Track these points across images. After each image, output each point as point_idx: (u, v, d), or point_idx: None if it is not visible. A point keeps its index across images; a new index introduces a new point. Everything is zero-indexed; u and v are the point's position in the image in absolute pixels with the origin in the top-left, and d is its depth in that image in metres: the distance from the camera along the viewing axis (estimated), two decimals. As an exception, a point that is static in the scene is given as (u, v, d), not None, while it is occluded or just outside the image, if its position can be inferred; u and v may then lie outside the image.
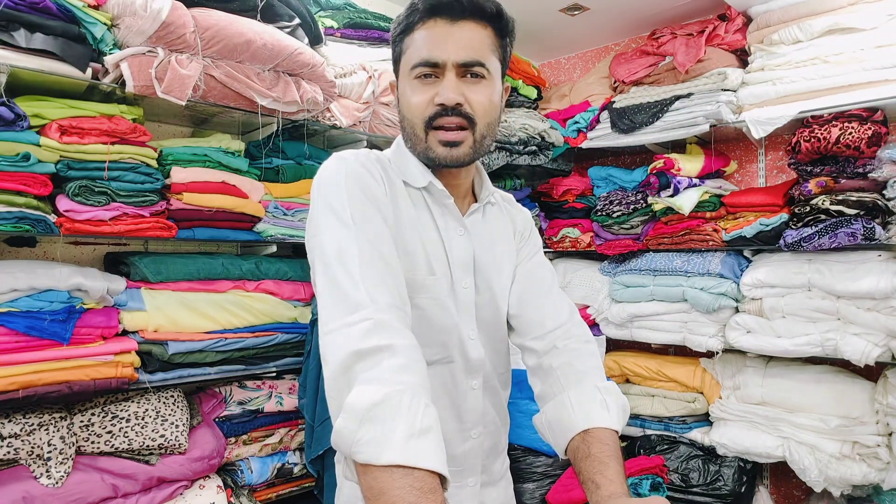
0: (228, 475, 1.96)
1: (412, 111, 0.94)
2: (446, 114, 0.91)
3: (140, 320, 1.76)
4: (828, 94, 2.24)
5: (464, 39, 0.91)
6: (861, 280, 2.12)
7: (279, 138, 2.14)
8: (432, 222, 0.99)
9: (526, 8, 2.86)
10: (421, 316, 0.94)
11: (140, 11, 1.61)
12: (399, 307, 0.81)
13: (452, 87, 0.90)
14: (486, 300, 1.04)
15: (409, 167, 0.99)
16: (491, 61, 0.94)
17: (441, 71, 0.91)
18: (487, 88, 0.94)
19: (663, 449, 2.53)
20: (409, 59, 0.94)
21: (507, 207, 1.16)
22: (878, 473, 2.11)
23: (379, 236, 0.85)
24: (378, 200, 0.89)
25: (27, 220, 1.55)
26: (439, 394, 0.98)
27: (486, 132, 0.95)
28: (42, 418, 1.60)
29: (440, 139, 0.92)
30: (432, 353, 0.96)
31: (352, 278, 0.79)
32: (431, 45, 0.91)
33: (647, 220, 2.77)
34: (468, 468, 1.03)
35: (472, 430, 1.03)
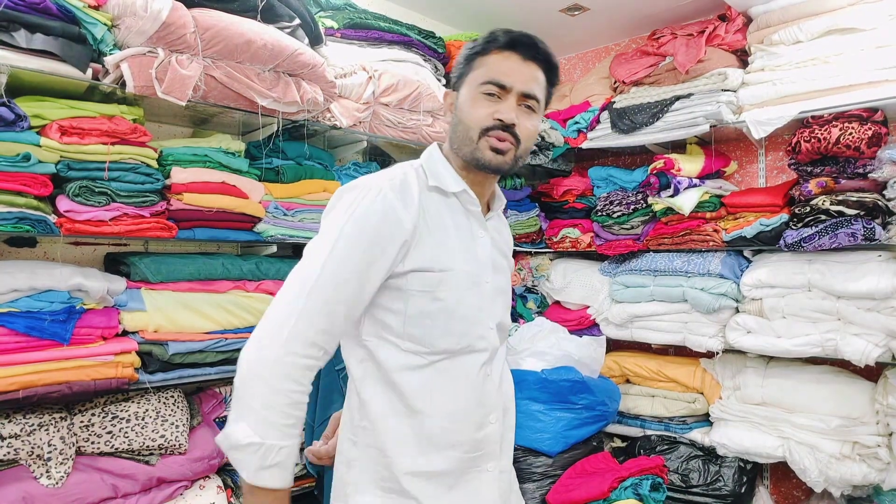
0: (228, 475, 1.96)
1: (472, 119, 1.08)
2: (500, 128, 1.06)
3: (140, 320, 1.76)
4: (828, 94, 2.24)
5: (530, 75, 1.09)
6: (861, 280, 2.12)
7: (279, 139, 2.14)
8: (462, 224, 1.12)
9: (526, 8, 2.86)
10: (442, 307, 1.04)
11: (140, 12, 1.61)
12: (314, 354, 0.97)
13: (512, 109, 1.07)
14: (499, 292, 1.17)
15: (442, 175, 1.11)
16: (542, 99, 1.12)
17: (505, 94, 1.07)
18: (535, 120, 1.11)
19: (663, 449, 2.52)
20: (478, 76, 1.09)
21: (504, 220, 1.31)
22: (878, 474, 2.11)
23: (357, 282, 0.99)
24: (389, 244, 1.01)
25: (27, 221, 1.55)
26: (462, 381, 1.07)
27: (523, 154, 1.11)
28: (42, 418, 1.60)
29: (491, 145, 1.06)
30: (453, 342, 1.06)
31: (295, 315, 0.96)
32: (503, 71, 1.07)
33: (647, 220, 2.77)
34: (488, 453, 1.11)
35: (490, 414, 1.11)
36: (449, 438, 1.06)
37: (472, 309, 1.08)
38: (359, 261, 0.99)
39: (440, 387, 1.06)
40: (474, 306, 1.08)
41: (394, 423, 1.05)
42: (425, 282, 1.04)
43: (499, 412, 1.14)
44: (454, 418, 1.06)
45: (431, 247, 1.05)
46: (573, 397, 2.41)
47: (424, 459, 1.05)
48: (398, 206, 1.02)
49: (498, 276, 1.17)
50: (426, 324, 1.04)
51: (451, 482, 1.07)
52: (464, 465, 1.08)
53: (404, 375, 1.05)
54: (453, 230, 1.09)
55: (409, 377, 1.05)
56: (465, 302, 1.07)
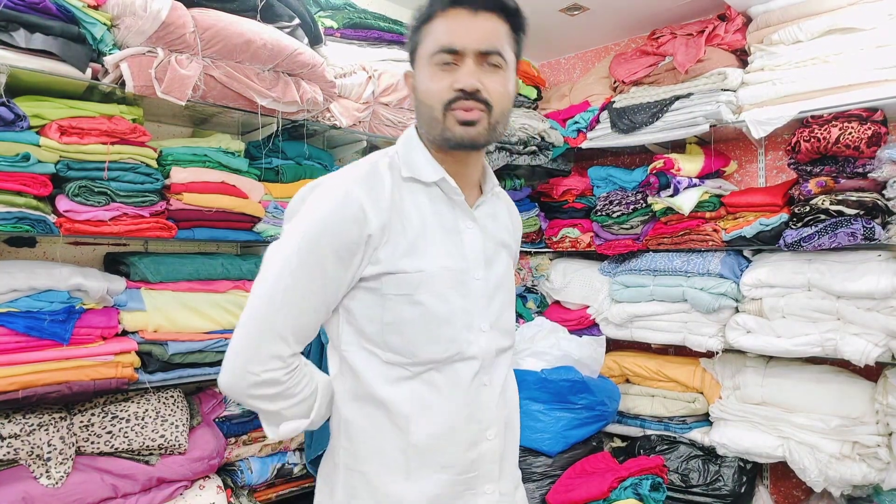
0: (228, 475, 1.96)
1: (431, 96, 0.96)
2: (464, 98, 0.93)
3: (140, 320, 1.76)
4: (827, 94, 2.24)
5: (484, 30, 0.94)
6: (861, 280, 2.12)
7: (279, 138, 2.14)
8: (445, 216, 1.01)
9: (526, 8, 2.84)
10: (423, 312, 0.94)
11: (140, 12, 1.61)
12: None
13: (471, 74, 0.93)
14: (496, 289, 1.05)
15: (419, 163, 1.00)
16: (507, 52, 0.97)
17: (460, 58, 0.94)
18: (503, 78, 0.97)
19: (663, 449, 2.52)
20: (428, 47, 0.96)
21: (506, 201, 1.20)
22: (878, 473, 2.11)
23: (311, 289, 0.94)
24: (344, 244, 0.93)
25: (27, 221, 1.55)
26: (452, 394, 0.97)
27: (499, 118, 0.97)
28: (42, 418, 1.60)
29: (458, 118, 0.94)
30: (439, 351, 0.96)
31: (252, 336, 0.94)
32: (452, 34, 0.94)
33: (646, 220, 2.77)
34: (484, 473, 1.00)
35: (488, 430, 1.00)
36: (439, 459, 0.96)
37: (458, 312, 0.97)
38: (319, 268, 0.92)
39: (428, 401, 0.96)
40: (461, 308, 0.98)
41: (376, 443, 0.97)
42: (401, 284, 0.95)
43: (498, 427, 1.02)
44: (444, 436, 0.96)
45: (406, 245, 0.95)
46: (573, 397, 2.41)
47: (411, 485, 0.95)
48: (365, 203, 0.93)
49: (493, 270, 1.05)
50: (406, 331, 0.95)
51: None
52: (456, 488, 0.97)
53: (387, 389, 0.96)
54: (435, 224, 0.99)
55: (392, 391, 0.95)
56: (449, 304, 0.96)
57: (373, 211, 0.93)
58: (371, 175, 0.98)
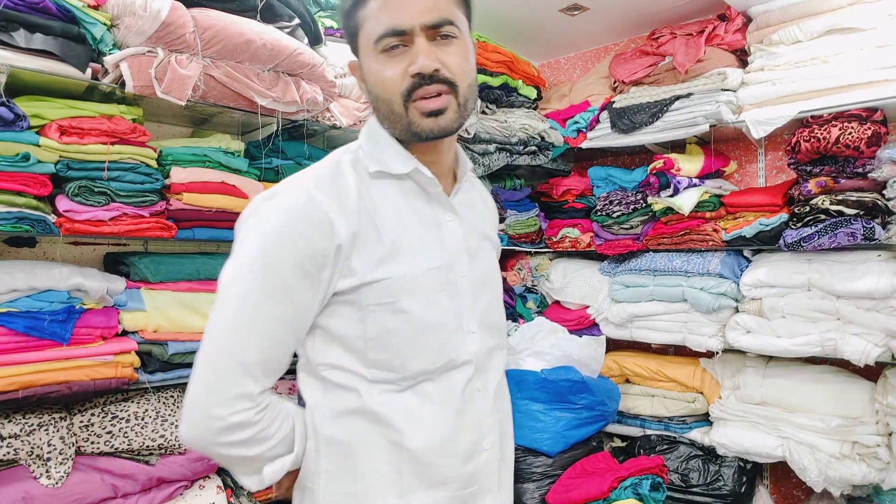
0: (228, 475, 1.96)
1: (386, 88, 0.84)
2: (425, 83, 0.83)
3: (140, 320, 1.76)
4: (827, 94, 2.24)
5: (425, 0, 0.82)
6: (861, 280, 2.12)
7: (279, 138, 2.14)
8: (423, 210, 0.91)
9: (526, 8, 2.85)
10: (408, 320, 0.85)
11: (140, 11, 1.61)
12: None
13: (426, 53, 0.82)
14: (481, 284, 0.96)
15: (386, 155, 0.90)
16: (459, 18, 0.86)
17: (409, 38, 0.83)
18: (461, 48, 0.86)
19: (663, 449, 2.52)
20: (369, 33, 0.85)
21: (480, 187, 1.11)
22: (877, 473, 2.11)
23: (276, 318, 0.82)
24: (308, 261, 0.82)
25: (27, 221, 1.55)
26: (443, 404, 0.88)
27: (468, 94, 0.87)
28: (42, 418, 1.60)
29: (422, 109, 0.84)
30: (430, 361, 0.87)
31: (210, 380, 0.82)
32: (393, 12, 0.82)
33: (646, 220, 2.77)
34: (484, 487, 0.92)
35: (485, 439, 0.92)
36: (435, 475, 0.87)
37: (447, 315, 0.88)
38: (284, 290, 0.81)
39: (421, 413, 0.87)
40: (450, 311, 0.89)
41: (366, 459, 0.87)
42: (382, 293, 0.85)
43: (494, 436, 0.95)
44: (440, 449, 0.88)
45: (383, 249, 0.85)
46: (573, 397, 2.41)
47: (406, 503, 0.87)
48: (329, 209, 0.82)
49: (477, 263, 0.96)
50: (392, 343, 0.85)
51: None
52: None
53: (376, 401, 0.87)
54: (413, 221, 0.89)
55: (382, 404, 0.86)
56: (437, 308, 0.88)
57: (340, 218, 0.83)
58: (334, 176, 0.87)
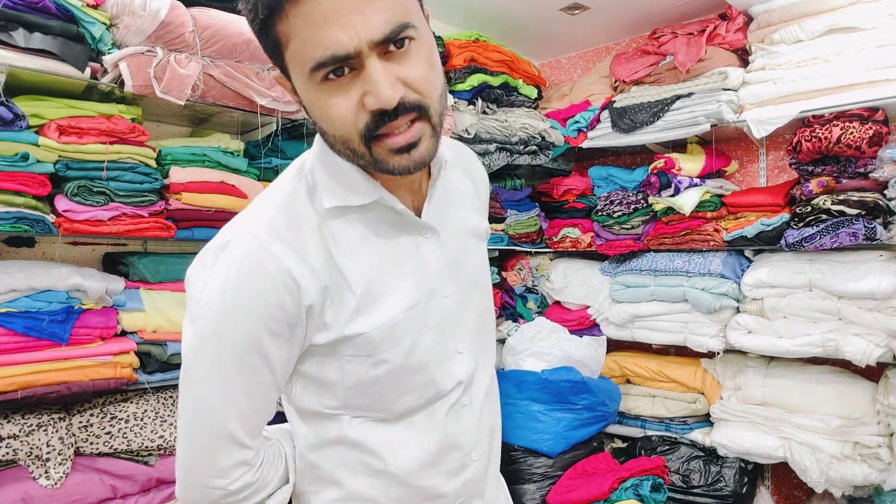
0: (228, 476, 1.96)
1: (337, 126, 0.67)
2: (388, 119, 0.65)
3: (139, 321, 1.76)
4: (829, 93, 2.24)
5: (370, 2, 0.61)
6: (862, 280, 2.12)
7: (278, 138, 2.13)
8: (394, 238, 0.79)
9: (526, 7, 2.85)
10: (390, 369, 0.78)
11: (139, 11, 1.61)
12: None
13: (382, 80, 0.63)
14: (468, 293, 0.88)
15: (344, 185, 0.75)
16: (413, 12, 0.66)
17: (357, 61, 0.63)
18: (422, 51, 0.67)
19: (664, 450, 2.52)
20: (299, 57, 0.65)
21: (466, 161, 0.95)
22: (879, 474, 2.11)
23: (253, 383, 0.75)
24: (278, 323, 0.72)
25: (26, 221, 1.54)
26: (427, 428, 0.83)
27: (440, 107, 0.70)
28: (41, 419, 1.59)
29: (391, 147, 0.67)
30: (415, 399, 0.81)
31: (195, 462, 0.77)
32: (328, 30, 0.61)
33: (647, 220, 2.76)
34: (472, 494, 0.90)
35: (473, 452, 0.88)
36: (425, 493, 0.84)
37: (430, 352, 0.80)
38: (258, 357, 0.72)
39: (405, 440, 0.82)
40: (435, 344, 0.81)
41: (352, 485, 0.82)
42: (359, 348, 0.76)
43: (483, 445, 0.90)
44: (426, 472, 0.83)
45: (356, 301, 0.75)
46: (573, 398, 2.40)
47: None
48: (293, 267, 0.71)
49: (462, 270, 0.86)
50: (373, 392, 0.79)
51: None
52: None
53: (357, 430, 0.81)
54: (385, 256, 0.78)
55: (364, 433, 0.81)
56: (419, 349, 0.79)
57: (306, 274, 0.72)
58: (291, 221, 0.74)
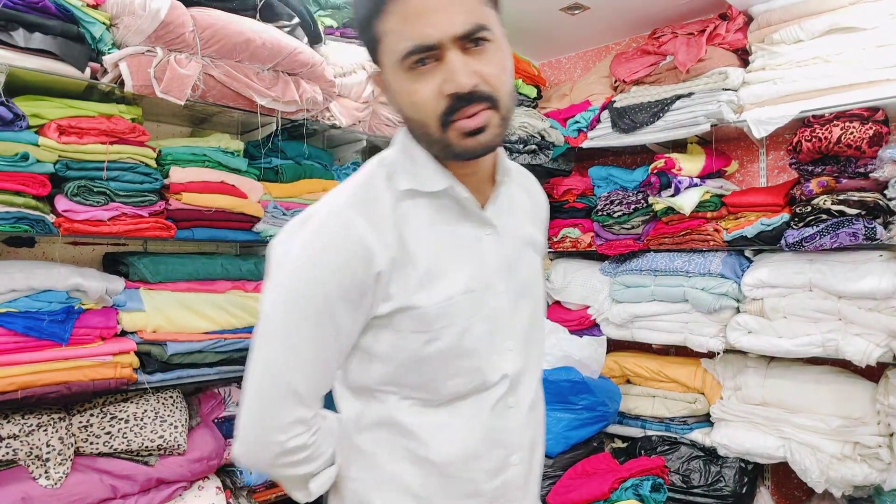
0: (227, 476, 1.96)
1: (419, 110, 0.78)
2: (463, 104, 0.75)
3: (139, 321, 1.76)
4: (829, 93, 2.24)
5: (454, 4, 0.73)
6: (862, 280, 2.12)
7: (278, 138, 2.13)
8: (458, 228, 0.87)
9: (526, 7, 2.85)
10: (442, 348, 0.83)
11: (139, 11, 1.61)
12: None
13: (460, 67, 0.74)
14: (521, 296, 0.93)
15: (420, 171, 0.85)
16: (491, 18, 0.78)
17: (440, 53, 0.74)
18: (497, 52, 0.78)
19: (664, 450, 2.52)
20: (392, 48, 0.76)
21: (526, 181, 1.05)
22: (879, 474, 2.10)
23: (321, 346, 0.83)
24: (350, 289, 0.80)
25: (26, 221, 1.54)
26: (472, 421, 0.87)
27: (509, 104, 0.81)
28: (41, 419, 1.59)
29: (462, 129, 0.77)
30: (462, 384, 0.86)
31: (263, 409, 0.84)
32: (418, 25, 0.73)
33: (647, 220, 2.76)
34: (509, 501, 0.91)
35: (513, 455, 0.90)
36: (462, 488, 0.87)
37: (481, 340, 0.86)
38: (328, 318, 0.80)
39: (450, 428, 0.87)
40: (486, 334, 0.86)
41: (391, 470, 0.88)
42: (416, 322, 0.82)
43: (524, 451, 0.92)
44: (466, 465, 0.87)
45: (419, 276, 0.82)
46: (573, 398, 2.40)
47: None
48: (368, 236, 0.79)
49: (517, 276, 0.92)
50: (425, 369, 0.84)
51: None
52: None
53: (405, 414, 0.87)
54: (448, 242, 0.85)
55: (411, 416, 0.86)
56: (472, 333, 0.85)
57: (378, 244, 0.79)
58: (369, 198, 0.83)
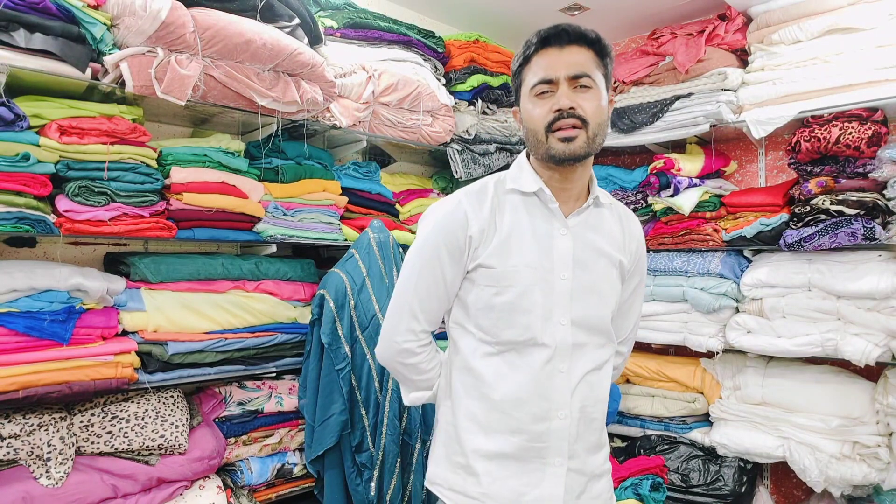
0: (228, 475, 1.96)
1: (534, 121, 1.14)
2: (562, 117, 1.11)
3: (140, 320, 1.76)
4: (828, 93, 2.24)
5: (571, 59, 1.13)
6: (861, 280, 2.12)
7: (279, 138, 2.14)
8: (540, 222, 1.19)
9: (526, 8, 2.85)
10: (505, 301, 1.15)
11: (140, 11, 1.61)
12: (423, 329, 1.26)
13: (566, 95, 1.11)
14: (586, 290, 1.18)
15: (523, 177, 1.21)
16: (595, 74, 1.14)
17: (555, 86, 1.12)
18: (594, 96, 1.13)
19: (663, 449, 2.52)
20: (529, 83, 1.15)
21: (624, 217, 1.31)
22: (878, 473, 2.11)
23: (432, 279, 1.20)
24: (453, 244, 1.18)
25: (27, 221, 1.55)
26: (524, 374, 1.15)
27: (597, 131, 1.13)
28: (42, 419, 1.60)
29: (558, 136, 1.11)
30: (516, 335, 1.15)
31: (391, 315, 1.26)
32: (546, 68, 1.13)
33: (647, 220, 2.77)
34: (553, 447, 1.15)
35: (559, 410, 1.15)
36: (510, 424, 1.15)
37: (537, 305, 1.14)
38: (432, 261, 1.18)
39: (506, 375, 1.16)
40: (540, 303, 1.14)
41: (467, 404, 1.20)
42: (489, 277, 1.16)
43: (570, 411, 1.16)
44: (516, 406, 1.15)
45: (498, 245, 1.16)
46: (573, 397, 2.41)
47: (488, 440, 1.16)
48: (469, 210, 1.17)
49: (584, 272, 1.18)
50: (491, 316, 1.16)
51: (513, 468, 1.16)
52: (525, 453, 1.15)
53: (478, 361, 1.18)
54: (526, 228, 1.17)
55: (481, 363, 1.18)
56: (529, 297, 1.14)
57: (474, 217, 1.17)
58: (479, 190, 1.22)
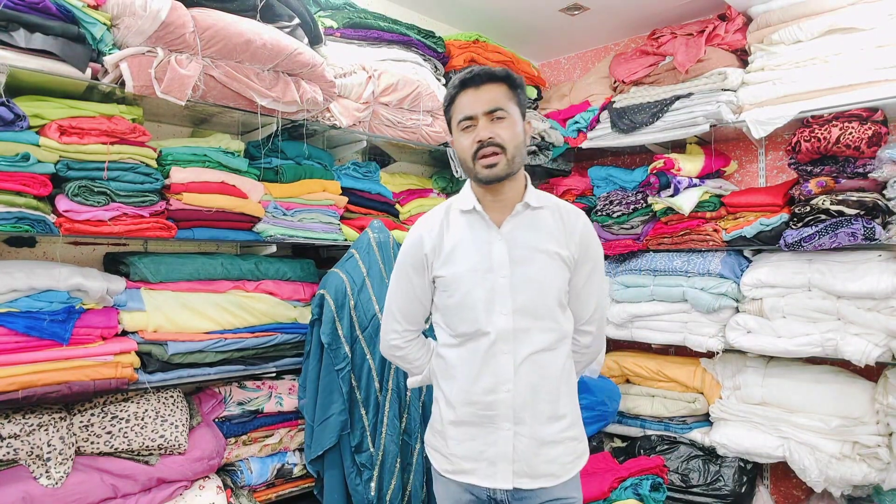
0: (228, 475, 1.96)
1: (463, 151, 1.38)
2: (483, 147, 1.34)
3: (139, 320, 1.76)
4: (828, 93, 2.24)
5: (486, 97, 1.35)
6: (861, 280, 2.12)
7: (279, 138, 2.14)
8: (479, 233, 1.42)
9: (526, 8, 2.86)
10: (455, 302, 1.40)
11: (139, 11, 1.61)
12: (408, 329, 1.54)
13: (484, 128, 1.35)
14: (525, 283, 1.38)
15: (464, 198, 1.45)
16: (509, 106, 1.36)
17: (476, 121, 1.36)
18: (510, 124, 1.36)
19: (663, 449, 2.52)
20: (455, 119, 1.40)
21: (565, 215, 1.46)
22: (878, 473, 2.11)
23: (405, 290, 1.50)
24: (415, 262, 1.46)
25: (27, 221, 1.55)
26: (474, 357, 1.39)
27: (514, 153, 1.36)
28: (42, 419, 1.60)
29: (482, 163, 1.35)
30: (467, 327, 1.39)
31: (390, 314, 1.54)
32: (466, 106, 1.37)
33: (647, 220, 2.77)
34: (501, 415, 1.37)
35: (504, 385, 1.37)
36: (467, 398, 1.39)
37: (480, 301, 1.37)
38: (403, 276, 1.49)
39: (465, 358, 1.40)
40: (482, 299, 1.37)
41: (440, 383, 1.47)
42: (442, 283, 1.43)
43: (513, 385, 1.36)
44: (472, 382, 1.39)
45: (446, 257, 1.42)
46: (573, 397, 2.40)
47: (453, 411, 1.42)
48: (424, 233, 1.45)
49: (521, 268, 1.38)
50: (448, 313, 1.43)
51: (473, 432, 1.40)
52: (480, 419, 1.39)
53: (446, 350, 1.45)
54: (467, 239, 1.41)
55: (448, 351, 1.44)
56: (472, 296, 1.38)
57: (428, 238, 1.44)
58: (433, 214, 1.49)
